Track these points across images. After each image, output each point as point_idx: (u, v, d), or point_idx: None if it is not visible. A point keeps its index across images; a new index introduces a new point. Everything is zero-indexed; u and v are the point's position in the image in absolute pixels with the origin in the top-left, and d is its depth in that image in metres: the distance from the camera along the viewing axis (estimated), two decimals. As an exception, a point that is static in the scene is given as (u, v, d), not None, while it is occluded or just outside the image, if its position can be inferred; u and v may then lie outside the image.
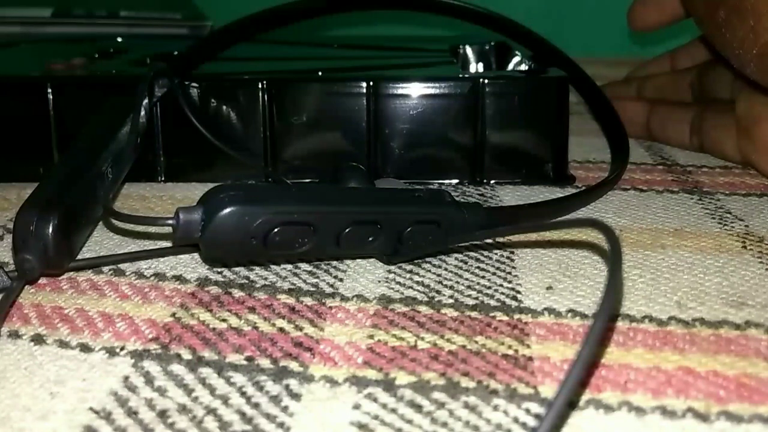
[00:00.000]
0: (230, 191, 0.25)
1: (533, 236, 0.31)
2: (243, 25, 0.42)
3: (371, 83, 0.37)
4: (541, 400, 0.21)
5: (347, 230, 0.27)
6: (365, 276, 0.28)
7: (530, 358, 0.23)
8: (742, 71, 0.36)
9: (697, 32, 0.48)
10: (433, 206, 0.28)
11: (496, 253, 0.30)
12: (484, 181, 0.38)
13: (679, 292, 0.27)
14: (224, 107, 0.37)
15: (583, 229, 0.31)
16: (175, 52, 0.45)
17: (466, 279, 0.28)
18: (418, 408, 0.20)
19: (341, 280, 0.28)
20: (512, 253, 0.30)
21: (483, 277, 0.28)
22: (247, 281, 0.28)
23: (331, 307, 0.26)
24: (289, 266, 0.29)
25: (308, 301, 0.26)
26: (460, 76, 0.40)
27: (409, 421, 0.20)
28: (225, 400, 0.21)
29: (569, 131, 0.38)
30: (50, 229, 0.26)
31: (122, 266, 0.29)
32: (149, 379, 0.22)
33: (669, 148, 0.44)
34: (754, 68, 0.35)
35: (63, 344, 0.23)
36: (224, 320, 0.25)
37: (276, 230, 0.25)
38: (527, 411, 0.20)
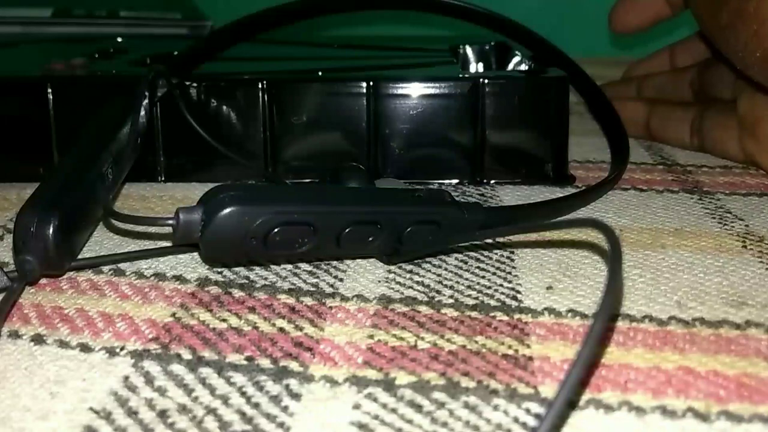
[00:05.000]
0: (230, 191, 0.25)
1: (533, 236, 0.31)
2: (243, 25, 0.42)
3: (371, 83, 0.37)
4: (541, 400, 0.21)
5: (347, 230, 0.27)
6: (365, 276, 0.28)
7: (530, 358, 0.23)
8: (746, 72, 0.36)
9: (689, 29, 0.48)
10: (433, 206, 0.28)
11: (496, 253, 0.30)
12: (484, 181, 0.38)
13: (679, 291, 0.27)
14: (224, 107, 0.37)
15: (583, 229, 0.31)
16: (175, 52, 0.45)
17: (466, 279, 0.28)
18: (418, 408, 0.20)
19: (341, 280, 0.28)
20: (512, 253, 0.30)
21: (483, 277, 0.28)
22: (247, 281, 0.28)
23: (331, 307, 0.26)
24: (289, 266, 0.29)
25: (308, 301, 0.26)
26: (460, 76, 0.40)
27: (409, 421, 0.20)
28: (225, 400, 0.21)
29: (569, 131, 0.38)
30: (51, 230, 0.26)
31: (122, 266, 0.29)
32: (149, 379, 0.22)
33: (669, 148, 0.44)
34: (758, 70, 0.35)
35: (63, 344, 0.23)
36: (224, 320, 0.25)
37: (276, 230, 0.25)
38: (527, 411, 0.20)
